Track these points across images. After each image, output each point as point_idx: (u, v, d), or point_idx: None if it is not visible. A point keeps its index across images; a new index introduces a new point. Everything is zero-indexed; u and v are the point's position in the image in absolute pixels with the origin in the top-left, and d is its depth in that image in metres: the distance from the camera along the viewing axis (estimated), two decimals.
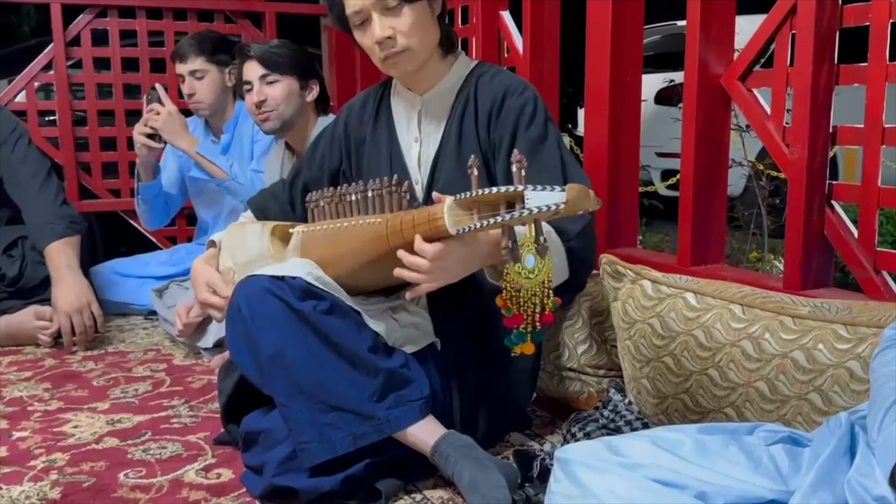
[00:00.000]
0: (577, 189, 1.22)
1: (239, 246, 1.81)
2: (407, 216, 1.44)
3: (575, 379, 1.96)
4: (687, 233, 2.00)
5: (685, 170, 2.01)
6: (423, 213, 1.40)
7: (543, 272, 1.33)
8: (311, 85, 2.53)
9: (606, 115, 2.21)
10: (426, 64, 1.71)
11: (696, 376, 1.56)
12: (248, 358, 1.54)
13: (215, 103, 2.93)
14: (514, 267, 1.32)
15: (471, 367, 1.70)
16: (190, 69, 2.86)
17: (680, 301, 1.60)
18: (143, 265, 3.13)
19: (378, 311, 1.65)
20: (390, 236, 1.47)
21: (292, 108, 2.48)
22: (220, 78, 2.91)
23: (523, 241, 1.30)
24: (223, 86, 2.93)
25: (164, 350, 2.66)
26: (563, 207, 1.22)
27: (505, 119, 1.67)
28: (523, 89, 1.69)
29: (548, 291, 1.36)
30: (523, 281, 1.33)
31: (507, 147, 1.66)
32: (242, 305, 1.52)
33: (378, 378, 1.51)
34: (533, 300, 1.36)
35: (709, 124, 1.99)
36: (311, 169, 1.91)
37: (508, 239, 1.28)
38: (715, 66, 1.98)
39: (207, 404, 2.12)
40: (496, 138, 1.69)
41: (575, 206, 1.22)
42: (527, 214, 1.22)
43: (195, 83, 2.87)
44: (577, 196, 1.22)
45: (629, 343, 1.69)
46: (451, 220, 1.35)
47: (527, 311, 1.37)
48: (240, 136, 2.99)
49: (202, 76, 2.87)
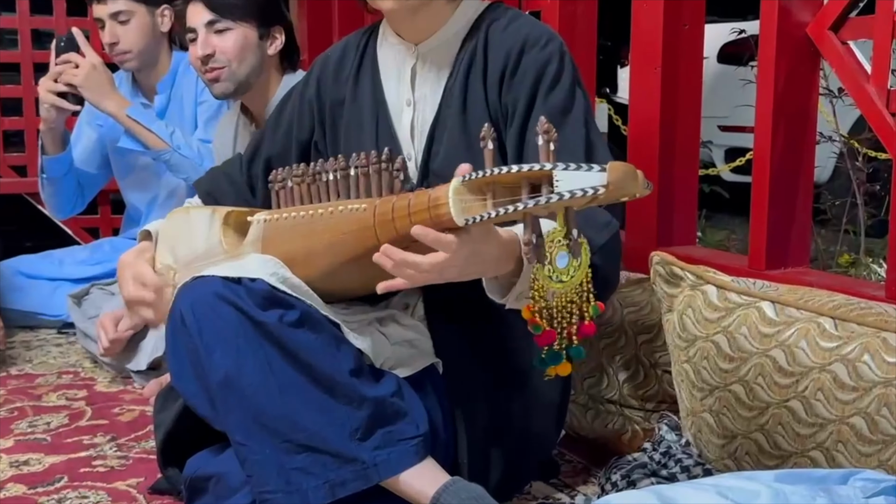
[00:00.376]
0: (622, 169, 1.21)
1: (181, 238, 1.82)
2: (400, 202, 1.44)
3: (615, 414, 1.96)
4: (762, 227, 2.00)
5: (760, 146, 2.00)
6: (422, 198, 1.40)
7: (581, 272, 1.32)
8: (275, 34, 2.53)
9: (658, 75, 2.20)
10: (425, 6, 1.72)
11: (774, 409, 1.56)
12: (195, 383, 1.55)
13: (145, 54, 2.93)
14: (543, 269, 1.31)
15: (481, 396, 1.70)
16: (111, 11, 2.87)
17: (754, 313, 1.60)
18: (56, 264, 3.15)
19: (362, 323, 1.65)
20: (378, 227, 1.47)
21: (249, 64, 2.48)
22: (150, 21, 2.92)
23: (551, 235, 1.29)
24: (155, 31, 2.94)
25: (83, 373, 2.66)
26: (602, 192, 1.20)
27: (521, 79, 1.68)
28: (547, 41, 1.70)
29: (587, 295, 1.35)
30: (555, 286, 1.32)
31: (522, 116, 1.67)
32: (187, 316, 1.52)
33: (362, 409, 1.51)
34: (569, 308, 1.36)
35: (791, 88, 1.99)
36: (274, 141, 1.91)
37: (532, 233, 1.27)
38: (799, 11, 1.97)
39: (140, 442, 2.12)
40: (508, 103, 1.69)
41: (618, 190, 1.21)
42: (556, 200, 1.21)
43: (118, 28, 2.88)
44: (622, 177, 1.21)
45: (687, 367, 1.70)
46: (458, 207, 1.34)
47: (561, 324, 1.37)
48: (179, 97, 3.00)
49: (127, 19, 2.88)
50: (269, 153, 1.91)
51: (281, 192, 1.70)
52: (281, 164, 1.81)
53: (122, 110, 2.77)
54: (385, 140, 1.75)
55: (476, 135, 1.67)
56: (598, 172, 1.21)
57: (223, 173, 1.99)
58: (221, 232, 1.75)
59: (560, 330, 1.37)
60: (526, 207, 1.24)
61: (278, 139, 1.91)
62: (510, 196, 1.30)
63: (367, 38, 1.86)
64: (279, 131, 1.91)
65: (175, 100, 3.00)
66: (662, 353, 1.90)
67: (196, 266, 1.67)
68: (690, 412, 1.71)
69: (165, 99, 2.99)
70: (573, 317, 1.36)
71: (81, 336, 2.80)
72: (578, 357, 1.41)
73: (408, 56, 1.79)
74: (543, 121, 1.27)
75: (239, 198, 1.92)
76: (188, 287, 1.55)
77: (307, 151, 1.87)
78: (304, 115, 1.88)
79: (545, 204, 1.22)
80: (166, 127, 2.81)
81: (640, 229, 2.26)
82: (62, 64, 2.74)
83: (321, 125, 1.86)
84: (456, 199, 1.34)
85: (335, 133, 1.84)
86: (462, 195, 1.34)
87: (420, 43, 1.77)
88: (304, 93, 1.89)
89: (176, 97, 3.00)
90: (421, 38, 1.77)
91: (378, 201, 1.50)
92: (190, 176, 2.72)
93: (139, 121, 2.78)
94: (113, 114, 2.79)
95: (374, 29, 1.86)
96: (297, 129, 1.88)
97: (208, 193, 1.96)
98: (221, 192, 1.94)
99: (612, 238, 1.59)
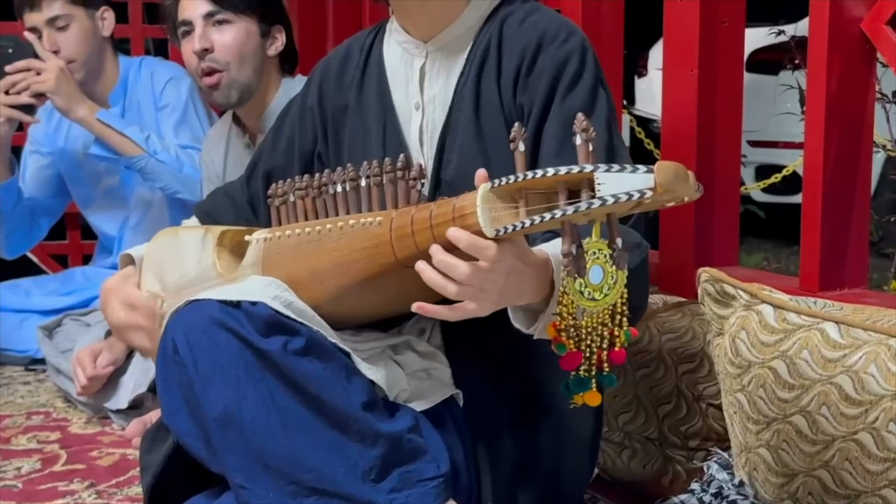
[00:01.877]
0: (672, 169, 1.20)
1: (170, 262, 1.82)
2: (420, 213, 1.44)
3: (655, 453, 1.95)
4: (815, 244, 1.98)
5: (811, 157, 2.00)
6: (446, 208, 1.39)
7: (616, 290, 1.31)
8: (275, 33, 2.53)
9: (695, 78, 2.19)
10: None
11: (841, 443, 1.54)
12: (188, 420, 1.54)
13: (90, 62, 2.93)
14: (574, 284, 1.30)
15: (506, 431, 1.69)
16: (48, 17, 2.85)
17: (816, 335, 1.59)
18: (22, 295, 3.14)
19: (374, 351, 1.64)
20: (396, 242, 1.46)
21: (249, 66, 2.48)
22: (91, 25, 2.92)
23: (589, 245, 1.28)
24: (97, 36, 2.94)
25: (55, 413, 2.65)
26: (650, 195, 1.19)
27: (538, 78, 1.67)
28: (567, 36, 1.69)
29: (620, 318, 1.35)
30: (586, 303, 1.31)
31: (537, 118, 1.66)
32: (180, 344, 1.51)
33: (377, 447, 1.50)
34: (599, 331, 1.36)
35: (845, 90, 1.98)
36: (275, 154, 1.92)
37: (572, 243, 1.25)
38: (853, 5, 1.97)
39: (122, 489, 2.11)
40: (524, 104, 1.69)
41: (667, 193, 1.20)
42: (598, 206, 1.19)
43: (58, 36, 2.86)
44: (672, 178, 1.19)
45: (741, 396, 1.68)
46: (487, 217, 1.33)
47: (590, 347, 1.36)
48: (135, 106, 3.01)
49: (66, 24, 2.87)
50: (270, 167, 1.91)
51: (282, 207, 1.69)
52: (282, 178, 1.80)
53: (93, 115, 2.76)
54: (393, 148, 1.75)
55: (490, 139, 1.69)
56: (645, 174, 1.20)
57: (224, 193, 2.00)
58: (216, 254, 1.74)
59: (588, 353, 1.36)
60: (565, 215, 1.22)
61: (279, 152, 1.91)
62: (545, 203, 1.29)
63: (373, 39, 1.86)
64: (280, 143, 1.91)
65: (131, 110, 3.00)
66: (707, 384, 1.89)
67: (187, 293, 1.66)
68: (745, 448, 1.69)
69: (120, 111, 2.98)
70: (603, 341, 1.36)
71: (53, 372, 2.79)
72: (610, 385, 1.41)
73: (416, 54, 1.79)
74: (581, 118, 1.26)
75: (239, 217, 1.92)
76: (181, 312, 1.54)
77: (310, 164, 1.87)
78: (306, 125, 1.88)
79: (586, 210, 1.20)
80: (140, 131, 2.81)
81: (676, 248, 2.24)
82: (20, 72, 2.72)
83: (324, 134, 1.87)
84: (484, 208, 1.33)
85: (339, 142, 1.84)
86: (491, 203, 1.34)
87: (430, 40, 1.77)
88: (305, 101, 1.89)
89: (132, 107, 3.01)
90: (431, 33, 1.77)
91: (394, 214, 1.49)
92: (168, 185, 2.72)
93: (111, 125, 2.77)
94: (83, 119, 2.77)
95: (380, 29, 1.87)
96: (298, 139, 1.89)
97: (207, 214, 1.96)
98: (220, 213, 1.95)
99: (644, 262, 1.58)
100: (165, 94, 3.01)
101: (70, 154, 3.09)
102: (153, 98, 2.98)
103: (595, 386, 1.39)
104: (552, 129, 1.63)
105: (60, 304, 3.06)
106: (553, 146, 1.61)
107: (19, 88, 2.72)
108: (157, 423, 1.71)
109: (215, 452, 1.51)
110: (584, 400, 1.40)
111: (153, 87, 2.98)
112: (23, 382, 2.92)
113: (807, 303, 1.66)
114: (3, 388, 2.86)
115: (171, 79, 3.04)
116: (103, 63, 2.97)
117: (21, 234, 3.08)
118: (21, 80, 2.72)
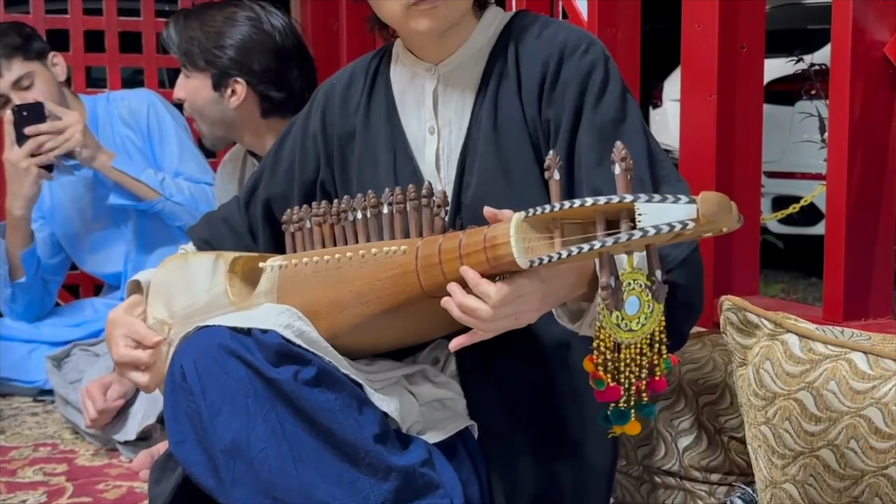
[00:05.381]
0: (716, 200, 1.19)
1: (178, 289, 1.81)
2: (449, 242, 1.43)
3: (675, 488, 1.93)
4: (839, 273, 1.98)
5: (834, 184, 1.99)
6: (476, 237, 1.38)
7: (653, 320, 1.32)
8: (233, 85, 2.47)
9: (714, 104, 2.18)
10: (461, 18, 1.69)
11: (871, 479, 1.51)
12: (197, 450, 1.52)
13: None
14: (610, 317, 1.30)
15: (522, 464, 1.68)
16: (11, 81, 2.88)
17: (844, 365, 1.56)
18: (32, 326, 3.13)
19: (388, 381, 1.63)
20: (422, 272, 1.46)
21: (210, 119, 2.51)
22: (49, 75, 2.95)
23: (625, 276, 1.28)
24: (56, 82, 2.97)
25: (62, 445, 2.64)
26: (692, 227, 1.18)
27: (563, 92, 1.65)
28: (588, 46, 1.68)
29: (659, 347, 1.34)
30: (624, 336, 1.31)
31: (568, 132, 1.64)
32: (188, 373, 1.51)
33: (388, 481, 1.49)
34: (638, 361, 1.34)
35: (869, 115, 1.97)
36: (274, 181, 1.89)
37: (610, 275, 1.24)
38: (876, 29, 1.97)
39: None
40: (551, 119, 1.67)
41: (709, 223, 1.19)
42: (639, 237, 1.18)
43: (27, 95, 2.88)
44: (716, 210, 1.18)
45: (766, 429, 1.65)
46: (521, 247, 1.32)
47: (629, 379, 1.35)
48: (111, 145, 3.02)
49: (30, 83, 2.90)
50: (269, 195, 1.89)
51: (297, 234, 1.69)
52: (282, 206, 1.81)
53: (110, 163, 2.81)
54: (405, 174, 1.74)
55: (512, 159, 1.69)
56: (687, 204, 1.19)
57: (221, 218, 1.98)
58: (227, 280, 1.73)
59: (628, 385, 1.35)
60: (604, 247, 1.21)
61: (278, 179, 1.89)
62: (581, 232, 1.29)
63: (378, 63, 1.84)
64: (279, 170, 1.89)
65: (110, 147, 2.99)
66: (729, 416, 1.87)
67: (196, 320, 1.65)
68: (770, 483, 1.66)
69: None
70: (642, 371, 1.35)
71: (61, 403, 2.77)
72: (650, 416, 1.40)
73: (427, 78, 1.76)
74: (620, 147, 1.26)
75: (238, 244, 1.91)
76: (190, 339, 1.54)
77: (312, 192, 1.85)
78: (308, 153, 1.85)
79: (626, 242, 1.19)
80: (155, 174, 2.85)
81: None
82: (43, 134, 2.74)
83: (328, 163, 1.84)
84: (518, 238, 1.32)
85: (345, 170, 1.82)
86: (525, 233, 1.33)
87: (441, 62, 1.75)
88: (307, 127, 1.87)
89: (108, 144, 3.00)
90: (442, 56, 1.75)
91: (420, 242, 1.48)
92: (186, 223, 2.76)
93: (126, 172, 2.81)
94: (103, 167, 2.81)
95: (385, 52, 1.85)
96: (299, 167, 1.86)
97: (205, 241, 1.95)
98: (219, 239, 1.93)
99: (695, 251, 1.57)
100: (151, 123, 3.05)
101: (59, 211, 3.12)
102: (139, 129, 3.03)
103: (635, 414, 1.38)
104: (587, 140, 1.61)
105: (70, 335, 3.06)
106: (591, 158, 1.59)
107: (46, 149, 2.75)
108: (167, 453, 1.69)
109: (223, 483, 1.51)
110: (623, 430, 1.39)
111: (135, 118, 3.03)
112: (31, 414, 2.90)
113: (833, 332, 1.63)
114: (10, 419, 2.85)
115: (150, 105, 3.10)
116: (69, 107, 2.97)
117: (36, 302, 3.10)
118: (47, 141, 2.75)
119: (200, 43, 2.44)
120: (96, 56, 3.81)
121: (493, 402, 1.68)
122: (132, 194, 2.82)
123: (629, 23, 2.51)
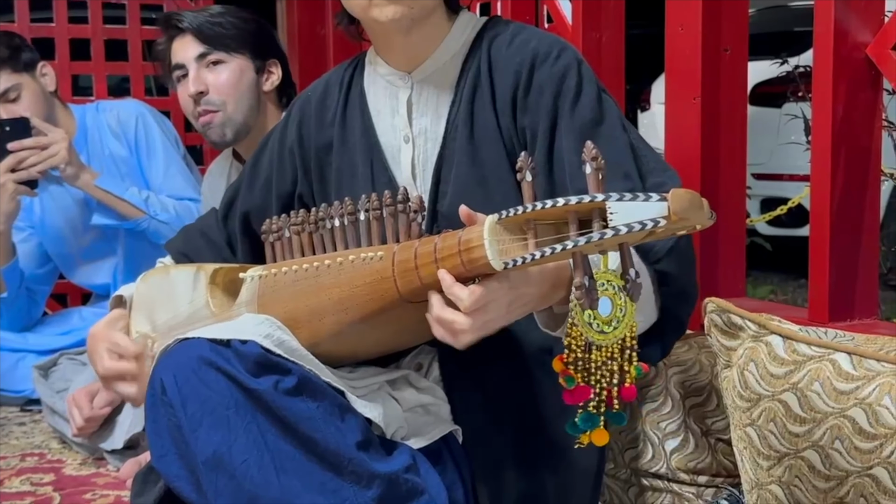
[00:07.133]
0: (687, 197, 1.19)
1: (160, 302, 1.81)
2: (424, 247, 1.43)
3: (663, 490, 1.91)
4: (823, 275, 1.97)
5: (818, 185, 1.99)
6: (451, 241, 1.38)
7: (624, 324, 1.32)
8: (270, 68, 2.53)
9: (698, 106, 2.17)
10: (423, 21, 1.68)
11: (856, 479, 1.51)
12: (178, 463, 1.52)
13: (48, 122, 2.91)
14: (583, 315, 1.30)
15: (508, 468, 1.68)
16: None
17: (828, 366, 1.55)
18: (19, 335, 3.13)
19: (371, 388, 1.64)
20: (399, 277, 1.45)
21: (245, 103, 2.49)
22: (38, 87, 2.93)
23: (599, 276, 1.28)
24: (45, 94, 2.95)
25: (49, 454, 2.63)
26: (664, 224, 1.18)
27: (538, 98, 1.66)
28: (559, 52, 1.68)
29: (630, 353, 1.34)
30: (595, 336, 1.32)
31: (546, 137, 1.65)
32: (168, 385, 1.51)
33: (372, 488, 1.49)
34: (608, 365, 1.34)
35: (851, 116, 1.97)
36: (252, 194, 1.89)
37: (584, 275, 1.24)
38: (858, 31, 1.97)
39: None
40: (526, 126, 1.67)
41: (681, 221, 1.19)
42: (611, 236, 1.18)
43: (14, 107, 2.86)
44: (687, 207, 1.18)
45: (751, 431, 1.64)
46: (495, 249, 1.32)
47: (599, 382, 1.35)
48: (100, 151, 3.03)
49: (17, 95, 2.88)
50: (247, 208, 1.89)
51: (277, 243, 1.68)
52: (260, 219, 1.80)
53: (93, 182, 2.80)
54: (382, 184, 1.74)
55: (488, 167, 1.70)
56: (658, 202, 1.19)
57: (198, 231, 1.98)
58: (208, 292, 1.74)
59: (598, 389, 1.35)
60: (576, 246, 1.21)
61: (256, 192, 1.89)
62: (554, 233, 1.29)
63: (352, 73, 1.84)
64: (256, 183, 1.89)
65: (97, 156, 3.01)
66: (715, 418, 1.86)
67: (178, 332, 1.64)
68: (756, 484, 1.65)
69: (85, 158, 2.97)
70: (613, 376, 1.35)
71: (48, 413, 2.77)
72: (619, 424, 1.39)
73: (401, 87, 1.77)
74: (590, 146, 1.26)
75: (217, 256, 1.91)
76: (170, 352, 1.54)
77: (290, 204, 1.84)
78: (286, 165, 1.85)
79: (598, 241, 1.19)
80: (139, 192, 2.84)
81: None
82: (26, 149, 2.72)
83: (306, 175, 1.84)
84: (492, 241, 1.32)
85: (324, 182, 1.82)
86: (499, 235, 1.33)
87: (413, 70, 1.75)
88: (284, 140, 1.87)
89: (95, 153, 3.02)
90: (414, 64, 1.74)
91: (396, 248, 1.48)
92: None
93: (110, 191, 2.80)
94: (86, 185, 2.80)
95: (358, 62, 1.84)
96: (276, 180, 1.86)
97: (183, 254, 1.95)
98: (197, 252, 1.93)
99: (682, 238, 1.56)
100: (139, 135, 3.04)
101: (48, 222, 3.11)
102: (126, 141, 3.02)
103: (604, 422, 1.38)
104: (568, 144, 1.61)
105: (57, 343, 3.05)
106: (574, 161, 1.59)
107: (28, 165, 2.72)
108: (149, 465, 1.69)
109: (206, 496, 1.50)
110: (590, 439, 1.39)
111: (123, 129, 3.03)
112: (18, 423, 2.89)
113: (817, 333, 1.63)
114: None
115: (139, 117, 3.09)
116: (57, 119, 2.96)
117: (22, 314, 3.09)
118: (29, 157, 2.72)
119: (236, 26, 2.46)
120: (82, 64, 3.81)
121: (477, 406, 1.68)
122: (116, 213, 2.81)
123: (614, 27, 2.50)
